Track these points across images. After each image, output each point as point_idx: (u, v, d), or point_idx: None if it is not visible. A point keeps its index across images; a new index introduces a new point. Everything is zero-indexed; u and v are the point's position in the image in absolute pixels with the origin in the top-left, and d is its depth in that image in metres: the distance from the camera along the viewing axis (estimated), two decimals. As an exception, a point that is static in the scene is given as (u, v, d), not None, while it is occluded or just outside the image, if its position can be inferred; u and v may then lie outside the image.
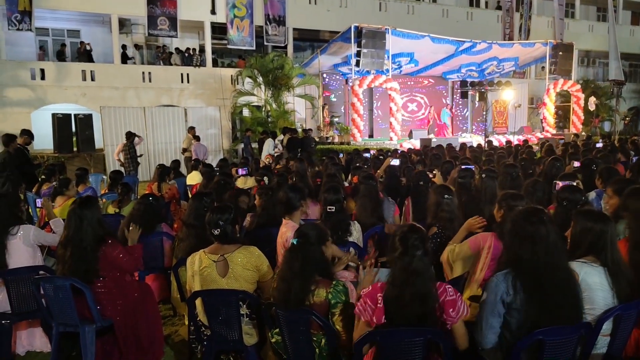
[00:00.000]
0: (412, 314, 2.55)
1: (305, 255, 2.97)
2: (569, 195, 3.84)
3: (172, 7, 19.34)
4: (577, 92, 21.77)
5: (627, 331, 2.88)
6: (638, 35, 31.51)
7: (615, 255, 2.84)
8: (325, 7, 22.95)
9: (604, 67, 30.33)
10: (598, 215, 2.94)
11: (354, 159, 9.66)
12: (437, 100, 23.44)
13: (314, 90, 20.32)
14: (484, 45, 19.13)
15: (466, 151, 10.53)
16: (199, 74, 20.60)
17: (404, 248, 2.60)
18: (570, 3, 28.91)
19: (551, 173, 6.01)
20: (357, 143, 16.69)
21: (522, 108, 24.86)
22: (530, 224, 2.62)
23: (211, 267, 3.37)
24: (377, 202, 4.99)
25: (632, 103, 31.39)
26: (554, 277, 2.54)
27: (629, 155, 9.50)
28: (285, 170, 7.73)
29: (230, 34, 20.57)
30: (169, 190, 7.32)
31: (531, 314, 2.53)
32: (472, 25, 25.60)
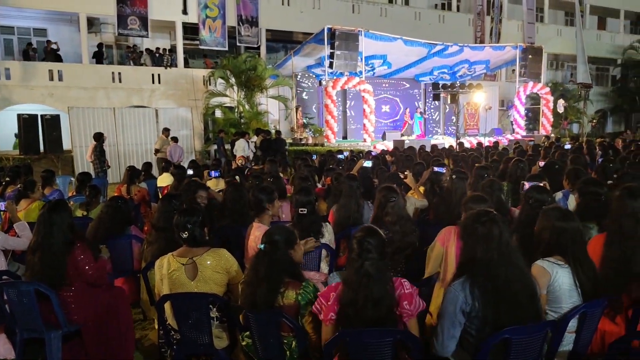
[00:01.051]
0: (367, 316, 2.57)
1: (273, 260, 2.94)
2: (536, 195, 3.89)
3: (142, 6, 19.04)
4: (546, 95, 22.25)
5: (592, 328, 2.93)
6: (604, 39, 32.38)
7: (579, 254, 2.89)
8: (298, 8, 22.93)
9: (572, 70, 31.03)
10: (561, 214, 2.99)
11: (327, 161, 9.66)
12: (410, 103, 23.64)
13: (287, 92, 20.28)
14: (456, 48, 19.39)
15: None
16: (170, 74, 20.34)
17: (359, 250, 2.63)
18: (539, 7, 29.48)
19: (516, 174, 6.12)
20: (331, 144, 16.72)
21: (493, 110, 25.29)
22: (482, 224, 2.64)
23: (180, 271, 3.31)
24: (359, 204, 4.99)
25: (599, 106, 32.22)
26: (509, 277, 2.56)
27: (595, 157, 9.75)
28: (261, 172, 7.68)
29: (203, 34, 20.38)
30: (138, 192, 7.20)
31: (490, 316, 2.55)
32: (444, 28, 25.93)
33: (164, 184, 8.51)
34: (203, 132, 19.93)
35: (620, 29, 33.38)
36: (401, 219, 4.09)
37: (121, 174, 12.84)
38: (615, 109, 32.94)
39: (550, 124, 22.35)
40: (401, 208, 4.15)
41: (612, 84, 34.06)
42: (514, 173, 6.20)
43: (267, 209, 4.19)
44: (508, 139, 19.72)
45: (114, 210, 4.80)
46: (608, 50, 32.35)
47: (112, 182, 13.64)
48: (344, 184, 5.07)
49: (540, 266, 2.89)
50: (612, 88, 33.51)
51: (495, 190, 4.54)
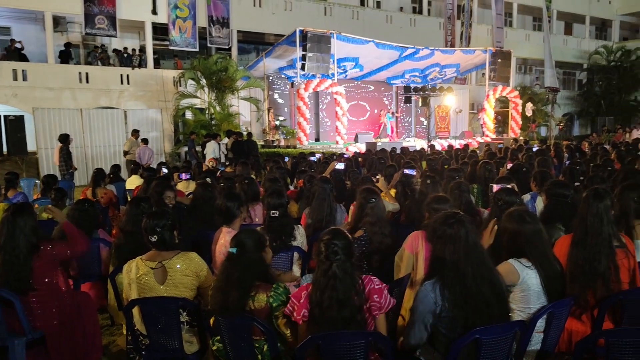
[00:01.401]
0: (333, 317, 2.60)
1: (245, 264, 2.92)
2: (505, 197, 3.95)
3: (110, 5, 18.71)
4: (515, 98, 22.68)
5: (560, 328, 2.99)
6: (571, 44, 33.23)
7: (537, 256, 2.94)
8: (270, 10, 22.87)
9: (540, 74, 31.73)
10: (517, 216, 3.03)
11: (299, 163, 9.64)
12: (382, 105, 23.80)
13: (259, 93, 20.19)
14: (427, 51, 19.62)
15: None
16: (139, 75, 20.03)
17: (326, 252, 2.66)
18: (508, 12, 30.09)
19: (484, 176, 6.21)
20: (304, 147, 16.70)
21: (463, 113, 25.68)
22: (449, 226, 2.68)
23: (149, 275, 3.26)
24: (331, 206, 4.98)
25: (566, 109, 33.02)
26: (477, 277, 2.61)
27: (562, 159, 9.97)
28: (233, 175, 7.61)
29: (173, 34, 20.13)
30: (104, 195, 7.05)
31: (459, 316, 2.59)
32: (415, 31, 26.22)
33: (132, 186, 8.37)
34: (173, 134, 19.66)
35: (586, 34, 34.33)
36: (380, 220, 4.10)
37: (89, 177, 12.58)
38: (582, 113, 33.83)
39: (519, 127, 22.80)
40: (381, 210, 4.17)
41: (579, 88, 34.98)
42: (482, 175, 6.30)
43: (238, 216, 4.18)
44: (478, 141, 20.03)
45: (80, 213, 4.68)
46: (574, 55, 33.23)
47: (79, 184, 13.35)
48: (316, 187, 5.06)
49: (511, 265, 2.93)
50: (579, 92, 34.43)
51: (464, 192, 4.60)
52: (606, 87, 32.45)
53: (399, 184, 6.10)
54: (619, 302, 3.13)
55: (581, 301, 3.08)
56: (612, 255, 3.14)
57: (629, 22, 36.04)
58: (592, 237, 3.15)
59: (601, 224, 3.17)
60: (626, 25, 36.37)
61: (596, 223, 3.17)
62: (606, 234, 3.16)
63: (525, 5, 30.69)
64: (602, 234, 3.15)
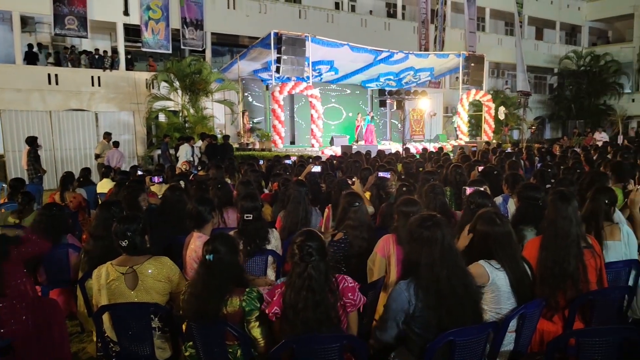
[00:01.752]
0: (308, 318, 2.61)
1: (222, 270, 2.88)
2: (477, 200, 3.99)
3: (81, 5, 18.36)
4: (488, 102, 23.01)
5: (532, 328, 3.03)
6: (542, 49, 33.94)
7: (505, 258, 2.98)
8: (244, 12, 22.76)
9: (512, 78, 32.29)
10: (487, 218, 3.06)
11: (274, 166, 9.59)
12: (357, 109, 23.89)
13: (233, 96, 20.06)
14: (401, 55, 19.76)
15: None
16: (111, 77, 19.70)
17: (301, 254, 2.68)
18: (481, 17, 30.57)
19: (456, 180, 6.28)
20: (279, 149, 16.64)
21: (438, 117, 25.94)
22: (426, 228, 2.71)
23: (119, 280, 3.20)
24: (307, 210, 4.96)
25: (538, 113, 33.67)
26: (452, 279, 2.64)
27: (534, 162, 10.14)
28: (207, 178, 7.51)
29: (145, 36, 19.87)
30: (73, 199, 6.89)
31: (433, 317, 2.61)
32: (390, 35, 26.40)
33: (104, 190, 8.21)
34: (146, 137, 19.37)
35: (557, 39, 35.11)
36: (363, 224, 4.11)
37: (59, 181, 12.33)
38: (553, 116, 34.55)
39: (492, 130, 23.15)
40: (363, 214, 4.17)
41: (550, 92, 35.73)
42: (454, 178, 6.37)
43: (208, 221, 4.12)
44: (452, 144, 20.25)
45: (48, 218, 4.57)
46: (545, 60, 33.94)
47: (48, 188, 13.07)
48: (292, 190, 5.04)
49: (481, 266, 2.95)
50: (550, 96, 35.15)
51: (438, 194, 4.64)
52: (576, 92, 33.21)
53: (374, 186, 6.11)
54: (588, 302, 3.19)
55: (552, 302, 3.12)
56: (580, 256, 3.19)
57: (597, 28, 37.02)
58: (562, 239, 3.20)
59: (570, 226, 3.22)
60: (595, 31, 37.35)
61: (565, 225, 3.22)
62: (574, 235, 3.21)
63: (498, 11, 31.22)
64: (571, 235, 3.20)
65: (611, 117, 31.64)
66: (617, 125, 30.18)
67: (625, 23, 34.59)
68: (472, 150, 14.57)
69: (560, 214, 3.24)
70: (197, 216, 4.08)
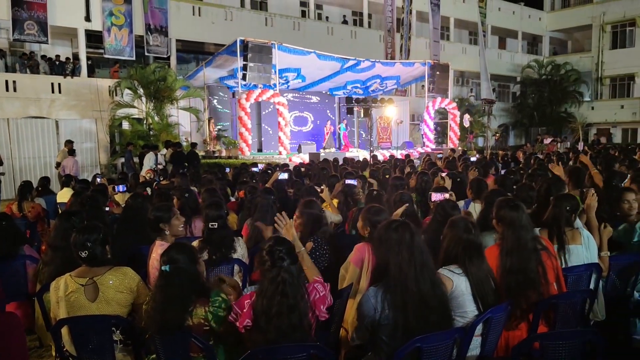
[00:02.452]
0: (283, 324, 2.58)
1: (180, 280, 2.81)
2: (448, 210, 4.05)
3: (41, 10, 17.89)
4: (453, 110, 23.41)
5: (498, 333, 3.06)
6: (505, 58, 34.83)
7: (477, 267, 3.01)
8: (210, 19, 22.60)
9: (476, 86, 32.96)
10: (463, 225, 3.10)
11: (241, 174, 9.51)
12: (325, 116, 23.99)
13: (199, 103, 19.85)
14: (368, 63, 19.94)
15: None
16: (72, 83, 19.21)
17: (272, 260, 2.65)
18: (445, 26, 31.17)
19: (422, 186, 6.36)
20: (246, 157, 16.53)
21: (404, 124, 26.26)
22: (394, 230, 2.74)
23: (79, 292, 3.10)
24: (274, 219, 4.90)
25: (502, 120, 34.46)
26: (419, 280, 2.66)
27: (498, 169, 10.34)
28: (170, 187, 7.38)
29: (108, 42, 19.48)
30: (32, 209, 6.68)
31: (400, 321, 2.63)
32: (356, 43, 26.61)
33: (64, 199, 7.98)
34: (109, 145, 18.96)
35: (519, 48, 36.11)
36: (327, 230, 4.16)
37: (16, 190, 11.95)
38: (516, 124, 35.43)
39: (457, 137, 23.56)
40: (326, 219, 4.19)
41: (513, 100, 36.64)
42: (420, 185, 6.45)
43: (163, 230, 4.00)
44: (419, 151, 20.50)
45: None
46: (508, 69, 34.83)
47: (5, 198, 12.65)
48: (259, 198, 4.99)
49: (443, 275, 2.97)
50: (513, 104, 36.07)
51: (405, 202, 4.67)
52: (538, 100, 34.14)
53: (341, 194, 6.11)
54: (551, 306, 3.24)
55: (517, 312, 3.16)
56: (539, 259, 3.26)
57: (557, 38, 38.27)
58: (522, 247, 3.26)
59: (527, 233, 3.29)
60: (555, 41, 38.58)
61: (523, 233, 3.28)
62: (532, 241, 3.28)
63: (462, 20, 31.89)
64: (529, 241, 3.27)
65: (572, 124, 32.63)
66: (577, 132, 31.12)
67: (583, 34, 35.88)
68: (438, 157, 14.76)
69: (518, 223, 3.30)
70: (155, 223, 3.99)
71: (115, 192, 7.52)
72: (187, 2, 22.69)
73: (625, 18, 32.56)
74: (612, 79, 33.82)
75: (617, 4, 32.92)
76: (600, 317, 3.70)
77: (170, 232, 4.01)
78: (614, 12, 33.04)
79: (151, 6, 20.42)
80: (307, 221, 4.13)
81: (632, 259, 4.06)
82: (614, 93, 33.99)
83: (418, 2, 28.41)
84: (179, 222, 4.09)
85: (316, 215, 4.16)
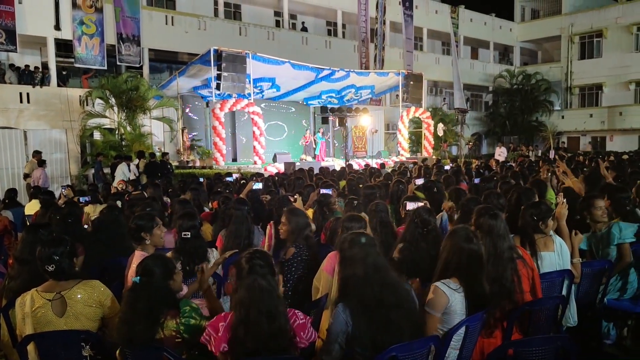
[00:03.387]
0: (262, 333, 2.53)
1: (150, 294, 2.75)
2: (423, 215, 4.06)
3: (9, 19, 17.52)
4: (427, 119, 23.68)
5: (474, 341, 3.08)
6: (477, 68, 35.46)
7: (473, 278, 3.00)
8: (183, 28, 22.45)
9: (449, 96, 33.42)
10: (465, 235, 3.07)
11: (215, 184, 9.41)
12: (301, 125, 23.99)
13: (172, 113, 19.66)
14: (342, 73, 20.04)
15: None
16: (41, 93, 18.81)
17: (249, 267, 2.62)
18: (418, 37, 31.58)
19: (397, 195, 6.39)
20: (220, 167, 16.40)
21: (379, 133, 26.44)
22: (349, 247, 2.78)
23: (46, 307, 3.02)
24: (249, 230, 4.85)
25: (475, 129, 34.98)
26: (385, 296, 2.67)
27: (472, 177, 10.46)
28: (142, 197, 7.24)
29: (78, 51, 19.16)
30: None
31: (367, 335, 2.63)
32: (331, 53, 26.74)
33: (32, 211, 7.77)
34: (80, 156, 18.60)
35: (491, 59, 36.83)
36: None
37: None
38: (489, 133, 36.01)
39: (431, 146, 23.83)
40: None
41: (486, 110, 37.28)
42: (395, 194, 6.47)
43: (144, 239, 3.92)
44: (394, 160, 20.64)
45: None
46: (481, 78, 35.46)
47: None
48: (233, 209, 4.94)
49: (440, 289, 2.94)
50: (486, 113, 36.71)
51: (380, 212, 4.68)
52: (510, 109, 34.79)
53: (317, 203, 6.09)
54: (525, 313, 3.27)
55: (490, 320, 3.17)
56: (515, 268, 3.29)
57: (528, 48, 39.16)
58: (499, 256, 3.28)
59: (504, 242, 3.32)
60: (526, 51, 39.46)
61: (500, 242, 3.31)
62: (508, 249, 3.31)
63: (434, 31, 32.35)
64: (505, 251, 3.30)
65: (543, 132, 33.29)
66: (548, 140, 31.77)
67: (553, 44, 36.76)
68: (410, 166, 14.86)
69: (496, 232, 3.33)
70: (136, 232, 3.92)
71: (80, 203, 7.33)
72: (160, 11, 22.56)
73: (592, 29, 33.49)
74: (581, 88, 34.69)
75: (585, 16, 33.90)
76: (572, 322, 3.75)
77: (151, 242, 3.93)
78: (581, 23, 33.98)
79: (123, 15, 20.18)
80: (293, 228, 4.11)
81: (603, 265, 4.14)
82: (583, 102, 34.86)
83: (391, 12, 28.77)
84: (160, 232, 4.01)
85: (303, 223, 4.14)
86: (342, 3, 27.74)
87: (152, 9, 22.18)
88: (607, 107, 32.50)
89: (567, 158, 15.58)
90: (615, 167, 8.37)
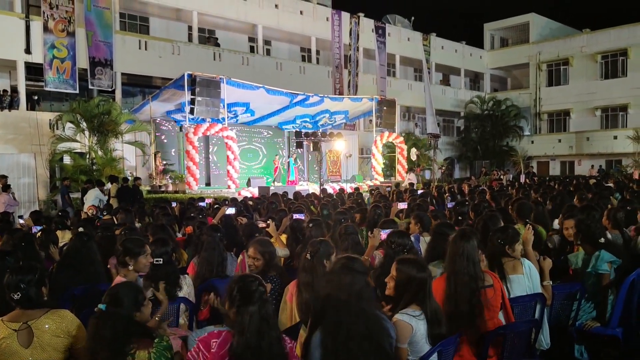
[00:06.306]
0: (264, 357, 2.51)
1: (115, 323, 2.67)
2: (397, 240, 4.09)
3: (-22, 42, 17.27)
4: (400, 144, 23.97)
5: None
6: (449, 94, 36.20)
7: (433, 304, 3.03)
8: (157, 53, 22.40)
9: (422, 121, 33.95)
10: (420, 264, 3.10)
11: (188, 209, 9.31)
12: (275, 150, 24.01)
13: (145, 137, 19.46)
14: (316, 98, 20.20)
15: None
16: (9, 117, 18.43)
17: (249, 296, 2.57)
18: (391, 63, 32.15)
19: (374, 219, 6.40)
20: (193, 191, 16.23)
21: (353, 158, 26.62)
22: (347, 273, 2.75)
23: (11, 338, 2.90)
24: (222, 256, 4.78)
25: (447, 154, 35.52)
26: (358, 325, 2.63)
27: (444, 201, 10.60)
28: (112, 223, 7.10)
29: (49, 75, 18.91)
30: (-38, 249, 6.24)
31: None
32: (305, 79, 26.94)
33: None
34: (49, 180, 18.21)
35: (462, 85, 37.66)
36: None
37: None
38: (461, 157, 36.61)
39: (405, 170, 24.07)
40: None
41: (457, 134, 37.95)
42: (372, 218, 6.48)
43: (127, 264, 3.82)
44: (368, 184, 20.75)
45: None
46: (452, 104, 36.16)
47: None
48: (206, 236, 4.88)
49: (402, 321, 2.94)
50: (457, 138, 37.38)
51: (350, 234, 4.69)
52: (481, 134, 35.52)
53: (290, 228, 6.06)
54: (500, 336, 3.28)
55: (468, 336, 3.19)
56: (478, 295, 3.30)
57: (498, 75, 40.21)
58: (462, 275, 3.32)
59: (468, 264, 3.35)
60: (496, 78, 40.50)
61: (463, 262, 3.34)
62: (472, 273, 3.33)
63: (407, 58, 32.99)
64: (469, 272, 3.33)
65: (513, 157, 33.97)
66: (519, 164, 32.42)
67: (522, 71, 37.88)
68: (387, 190, 14.99)
69: (458, 251, 3.37)
70: (122, 254, 3.82)
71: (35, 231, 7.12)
72: (134, 35, 22.50)
73: (559, 57, 34.67)
74: (550, 114, 35.75)
75: (551, 45, 35.11)
76: (545, 345, 3.78)
77: (134, 268, 3.82)
78: (548, 51, 35.18)
79: (95, 39, 20.05)
80: (268, 261, 4.06)
81: (574, 287, 4.19)
82: (552, 127, 35.91)
83: (365, 39, 29.27)
84: (146, 261, 3.88)
85: (273, 253, 4.12)
86: (316, 30, 28.14)
87: (126, 34, 22.09)
88: (575, 133, 33.47)
89: (537, 183, 15.91)
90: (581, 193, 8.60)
